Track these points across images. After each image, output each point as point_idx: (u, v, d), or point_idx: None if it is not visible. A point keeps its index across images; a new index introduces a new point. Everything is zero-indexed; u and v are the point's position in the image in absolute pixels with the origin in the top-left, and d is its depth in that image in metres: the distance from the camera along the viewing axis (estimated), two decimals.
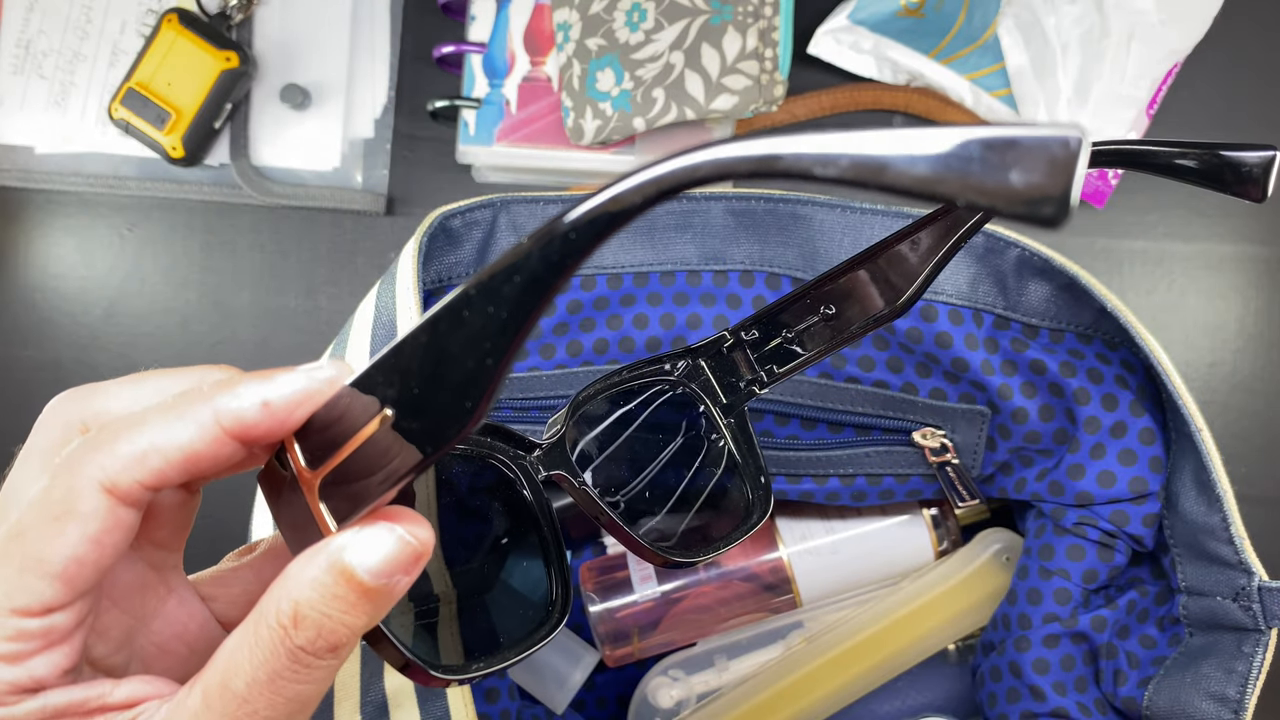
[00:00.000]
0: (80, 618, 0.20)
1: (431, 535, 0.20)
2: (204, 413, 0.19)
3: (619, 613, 0.48)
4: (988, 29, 0.56)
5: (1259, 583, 0.36)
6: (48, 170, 0.60)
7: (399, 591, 0.19)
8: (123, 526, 0.20)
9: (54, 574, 0.19)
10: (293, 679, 0.19)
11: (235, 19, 0.59)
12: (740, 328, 0.32)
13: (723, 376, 0.33)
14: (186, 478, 0.20)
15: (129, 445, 0.19)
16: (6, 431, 0.61)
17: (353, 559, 0.19)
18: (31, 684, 0.19)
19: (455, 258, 0.40)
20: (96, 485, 0.19)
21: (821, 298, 0.30)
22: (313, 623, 0.19)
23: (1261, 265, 0.58)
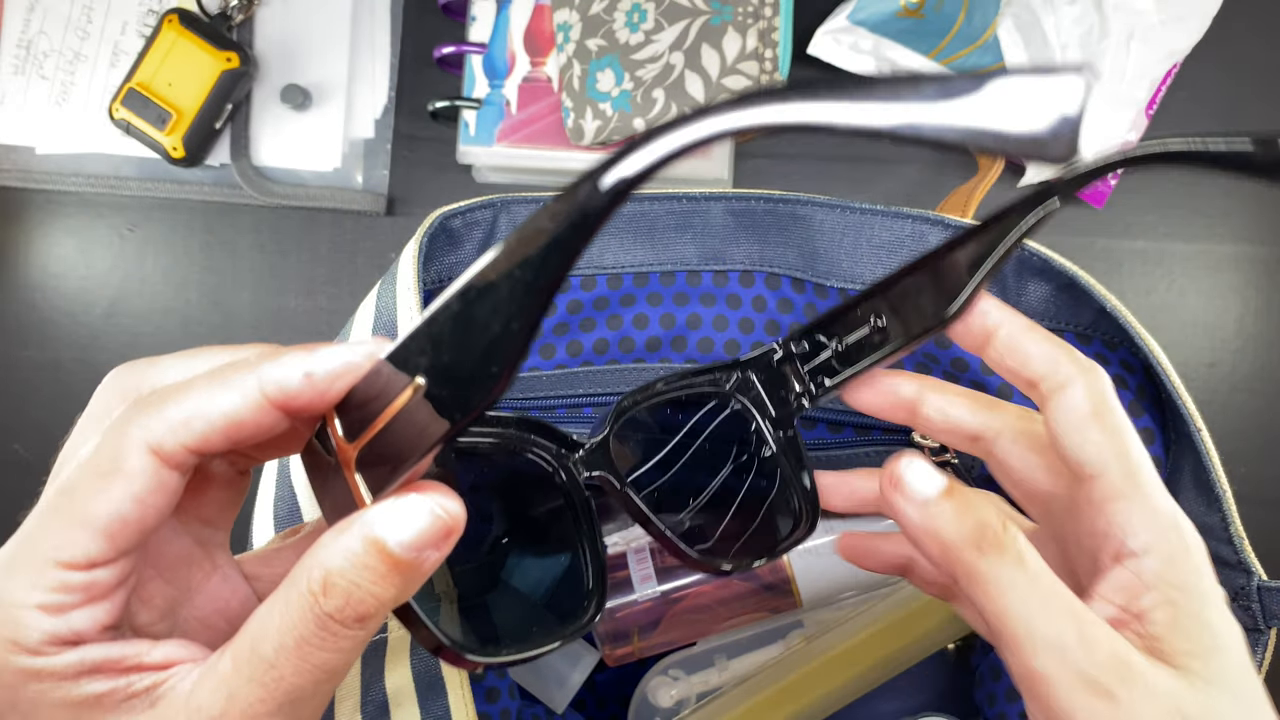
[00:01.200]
0: (122, 577, 0.20)
1: (463, 510, 0.20)
2: (249, 381, 0.20)
3: (619, 612, 0.48)
4: (987, 29, 0.56)
5: (1258, 582, 0.36)
6: (48, 170, 0.60)
7: (429, 567, 0.20)
8: (166, 488, 0.20)
9: (98, 529, 0.20)
10: (319, 646, 0.19)
11: (236, 19, 0.59)
12: (790, 340, 0.32)
13: (773, 390, 0.33)
14: (229, 445, 0.20)
15: (176, 410, 0.20)
16: (7, 431, 0.61)
17: (384, 531, 0.19)
18: (71, 636, 0.20)
19: (456, 258, 0.40)
20: (143, 446, 0.20)
21: (871, 309, 0.30)
22: (342, 591, 0.19)
23: (1261, 265, 0.58)
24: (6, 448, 0.61)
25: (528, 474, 0.29)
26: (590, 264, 0.41)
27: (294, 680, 0.19)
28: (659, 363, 0.42)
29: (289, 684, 0.19)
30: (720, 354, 0.42)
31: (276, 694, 0.19)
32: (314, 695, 0.20)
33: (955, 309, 0.27)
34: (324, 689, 0.20)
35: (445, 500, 0.20)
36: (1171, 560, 0.24)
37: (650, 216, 0.41)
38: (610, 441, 0.29)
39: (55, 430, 0.69)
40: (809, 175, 0.59)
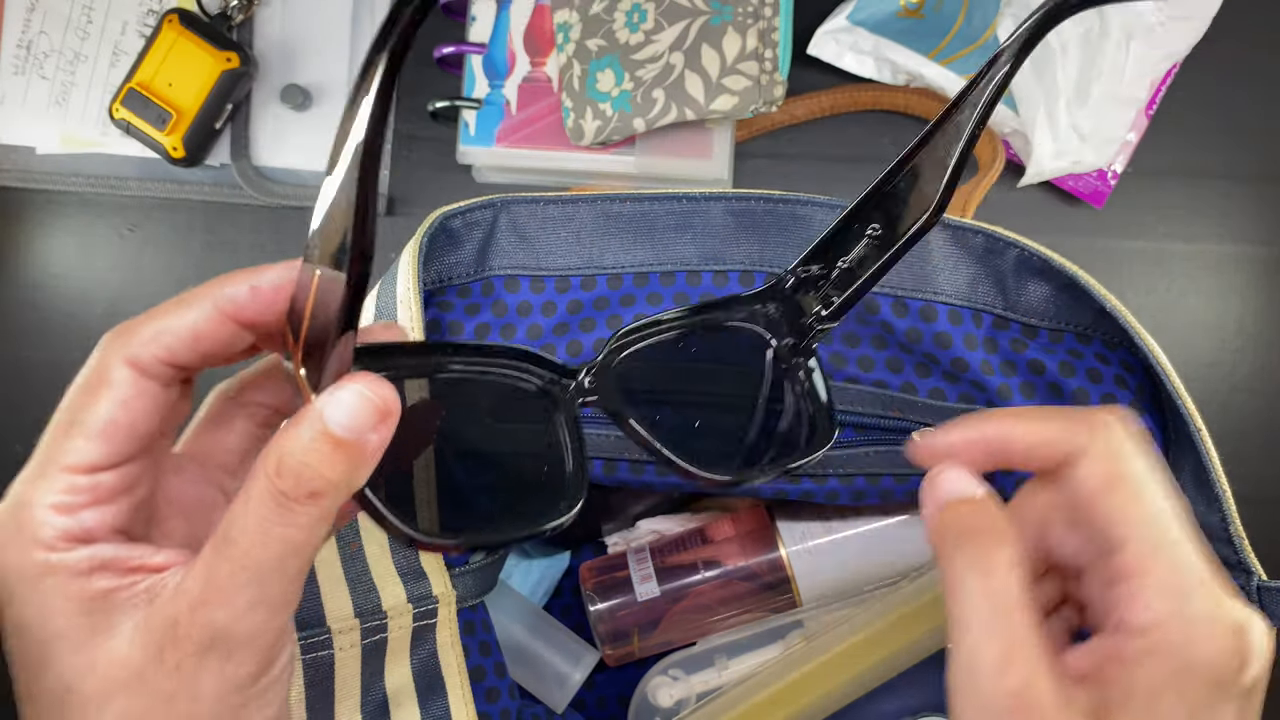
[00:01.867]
0: (125, 483, 0.23)
1: (393, 394, 0.22)
2: (205, 299, 0.24)
3: (619, 612, 0.48)
4: (987, 29, 0.56)
5: (1258, 582, 0.36)
6: (48, 170, 0.60)
7: (372, 449, 0.22)
8: (147, 395, 0.23)
9: (94, 433, 0.23)
10: (277, 522, 0.21)
11: (236, 19, 0.59)
12: (797, 266, 0.32)
13: (791, 316, 0.33)
14: (198, 357, 0.24)
15: (147, 328, 0.24)
16: (7, 431, 0.61)
17: (326, 414, 0.22)
18: (82, 534, 0.22)
19: (456, 258, 0.40)
20: (122, 359, 0.23)
21: (865, 221, 0.30)
22: (293, 471, 0.21)
23: (1261, 265, 0.58)
24: (7, 448, 0.61)
25: (520, 396, 0.29)
26: (590, 264, 0.41)
27: (259, 555, 0.21)
28: None
29: (254, 558, 0.21)
30: None
31: (245, 569, 0.21)
32: (279, 570, 0.22)
33: (938, 199, 0.27)
34: (289, 564, 0.22)
35: (375, 385, 0.22)
36: (1184, 668, 0.22)
37: (650, 216, 0.41)
38: (608, 368, 0.30)
39: None
40: (809, 175, 0.59)
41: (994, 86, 0.26)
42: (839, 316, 0.31)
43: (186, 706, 0.22)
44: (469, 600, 0.39)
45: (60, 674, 0.22)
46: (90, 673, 0.22)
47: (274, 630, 0.22)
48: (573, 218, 0.41)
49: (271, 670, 0.23)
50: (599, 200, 0.40)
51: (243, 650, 0.22)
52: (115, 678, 0.22)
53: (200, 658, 0.21)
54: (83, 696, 0.22)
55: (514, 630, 0.49)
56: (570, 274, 0.41)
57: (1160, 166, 0.58)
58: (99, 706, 0.22)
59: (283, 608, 0.22)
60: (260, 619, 0.22)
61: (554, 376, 0.29)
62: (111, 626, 0.22)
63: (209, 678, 0.22)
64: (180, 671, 0.22)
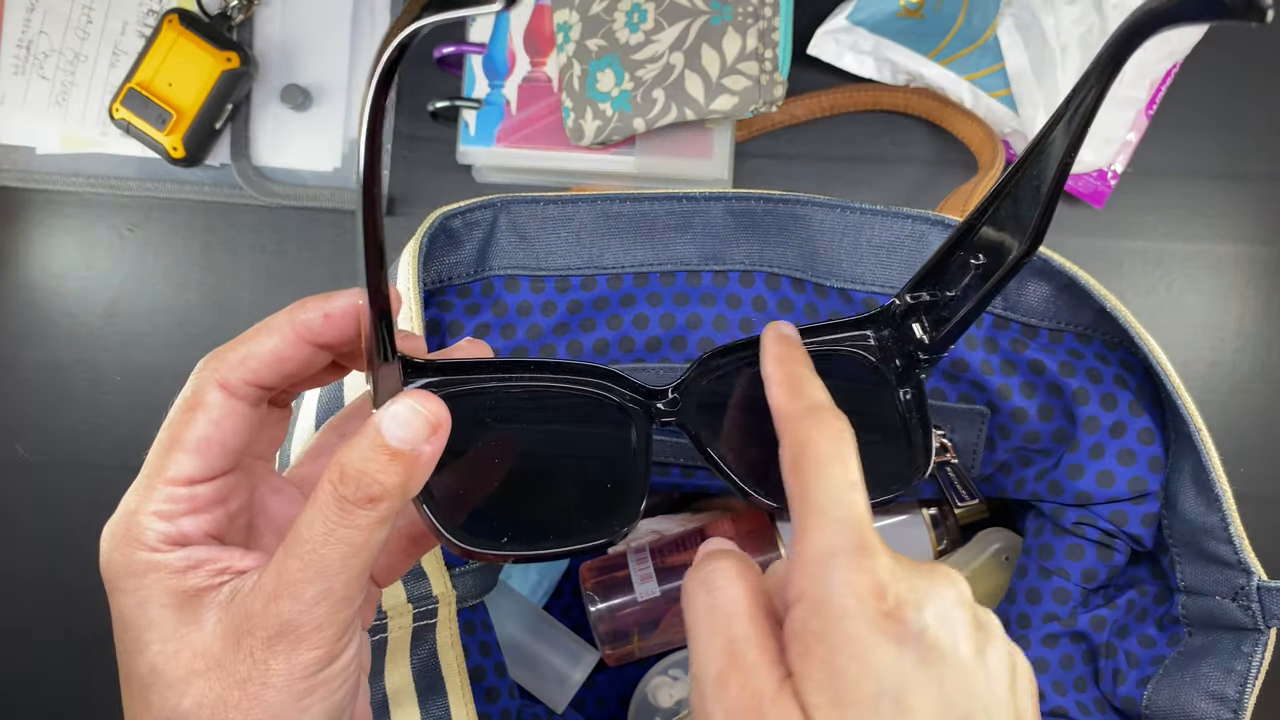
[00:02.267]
0: (218, 495, 0.26)
1: (443, 410, 0.25)
2: (285, 325, 0.26)
3: (619, 612, 0.48)
4: (987, 29, 0.56)
5: (1258, 582, 0.36)
6: (48, 170, 0.60)
7: (424, 459, 0.25)
8: (237, 414, 0.26)
9: (190, 449, 0.26)
10: (339, 523, 0.24)
11: (236, 19, 0.59)
12: (906, 292, 0.32)
13: (900, 344, 0.33)
14: (280, 377, 0.26)
15: (234, 354, 0.26)
16: (7, 431, 0.61)
17: (382, 427, 0.24)
18: (180, 538, 0.25)
19: (456, 258, 0.40)
20: (214, 382, 0.26)
21: (970, 249, 0.30)
22: (353, 478, 0.24)
23: (1261, 265, 0.58)
24: (7, 448, 0.61)
25: (597, 414, 0.30)
26: (590, 264, 0.41)
27: (324, 552, 0.24)
28: (659, 363, 0.42)
29: (319, 556, 0.24)
30: None
31: (310, 565, 0.24)
32: (341, 568, 0.24)
33: (1034, 226, 0.27)
34: (350, 563, 0.24)
35: (426, 401, 0.25)
36: (813, 606, 0.23)
37: (650, 216, 0.41)
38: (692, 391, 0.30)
39: (55, 430, 0.70)
40: (809, 175, 0.59)
41: (1084, 112, 0.26)
42: (946, 347, 0.31)
43: (257, 689, 0.24)
44: (469, 600, 0.39)
45: (150, 658, 0.24)
46: (175, 658, 0.24)
47: (338, 623, 0.24)
48: (573, 218, 0.41)
49: (337, 661, 0.25)
50: (599, 200, 0.40)
51: (309, 639, 0.24)
52: (197, 664, 0.24)
53: (270, 645, 0.24)
54: (167, 679, 0.24)
55: (514, 630, 0.49)
56: (570, 274, 0.41)
57: (1160, 166, 0.58)
58: (181, 690, 0.24)
59: (345, 602, 0.24)
60: (324, 611, 0.24)
61: (634, 396, 0.30)
62: (199, 619, 0.25)
63: (278, 663, 0.24)
64: (253, 657, 0.24)
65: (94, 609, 0.60)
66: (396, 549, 0.30)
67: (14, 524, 0.61)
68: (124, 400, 0.60)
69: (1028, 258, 0.28)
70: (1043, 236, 0.27)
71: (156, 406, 0.64)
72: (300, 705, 0.24)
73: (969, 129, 0.56)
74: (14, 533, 0.61)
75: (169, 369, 0.60)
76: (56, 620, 0.61)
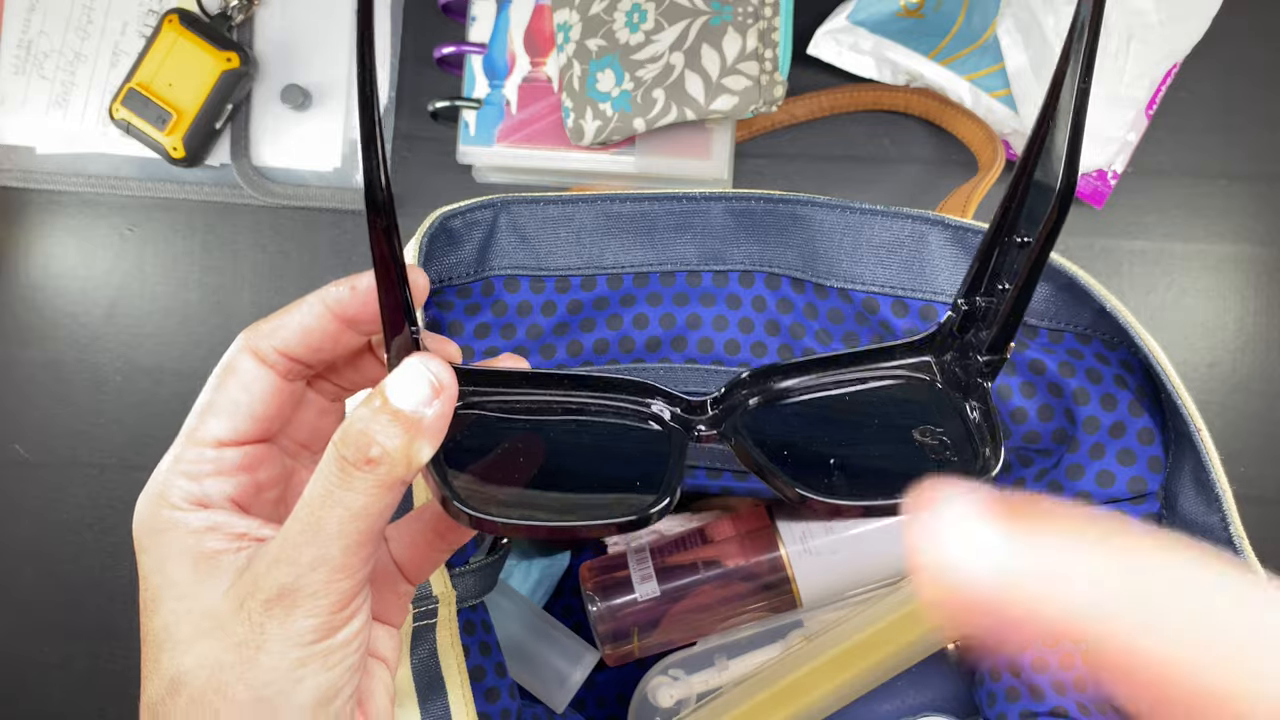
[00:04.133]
0: (246, 463, 0.27)
1: (448, 373, 0.25)
2: (314, 298, 0.27)
3: (619, 612, 0.48)
4: (987, 29, 0.56)
5: None
6: (49, 170, 0.60)
7: (429, 424, 0.24)
8: (266, 380, 0.27)
9: (220, 412, 0.27)
10: (338, 485, 0.24)
11: (236, 19, 0.59)
12: (960, 298, 0.30)
13: (961, 357, 0.31)
14: (309, 350, 0.27)
15: (266, 325, 0.27)
16: (7, 431, 0.61)
17: (386, 387, 0.24)
18: (203, 498, 0.26)
19: (456, 258, 0.40)
20: (246, 351, 0.27)
21: (1012, 229, 0.29)
22: (353, 437, 0.24)
23: (1261, 265, 0.58)
24: (6, 448, 0.61)
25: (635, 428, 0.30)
26: (590, 264, 0.41)
27: (321, 514, 0.24)
28: (659, 363, 0.42)
29: (317, 518, 0.24)
30: (720, 354, 0.42)
31: (310, 528, 0.24)
32: (339, 533, 0.24)
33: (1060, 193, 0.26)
34: (348, 528, 0.24)
35: (429, 361, 0.25)
36: None
37: (650, 216, 0.41)
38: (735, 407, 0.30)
39: (55, 430, 0.70)
40: (809, 175, 0.59)
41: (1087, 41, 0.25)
42: (1007, 342, 0.30)
43: (252, 653, 0.24)
44: (469, 600, 0.39)
45: (164, 617, 0.25)
46: (185, 618, 0.25)
47: (336, 593, 0.24)
48: (573, 218, 0.41)
49: (336, 635, 0.25)
50: (599, 200, 0.40)
51: (303, 606, 0.24)
52: (203, 625, 0.24)
53: (267, 609, 0.24)
54: (175, 638, 0.25)
55: (514, 630, 0.49)
56: (570, 274, 0.41)
57: (1160, 166, 0.58)
58: (185, 649, 0.24)
59: (344, 571, 0.24)
60: (321, 578, 0.24)
61: (675, 410, 0.30)
62: (213, 581, 0.25)
63: (273, 627, 0.24)
64: (250, 620, 0.24)
65: (93, 609, 0.60)
66: (424, 543, 0.30)
67: (14, 524, 0.61)
68: (124, 400, 0.60)
69: (1066, 205, 0.26)
70: (1076, 168, 0.26)
71: (156, 406, 0.64)
72: (294, 675, 0.24)
73: (969, 129, 0.56)
74: (13, 533, 0.61)
75: (169, 369, 0.60)
76: (56, 620, 0.61)
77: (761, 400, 0.31)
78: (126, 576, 0.60)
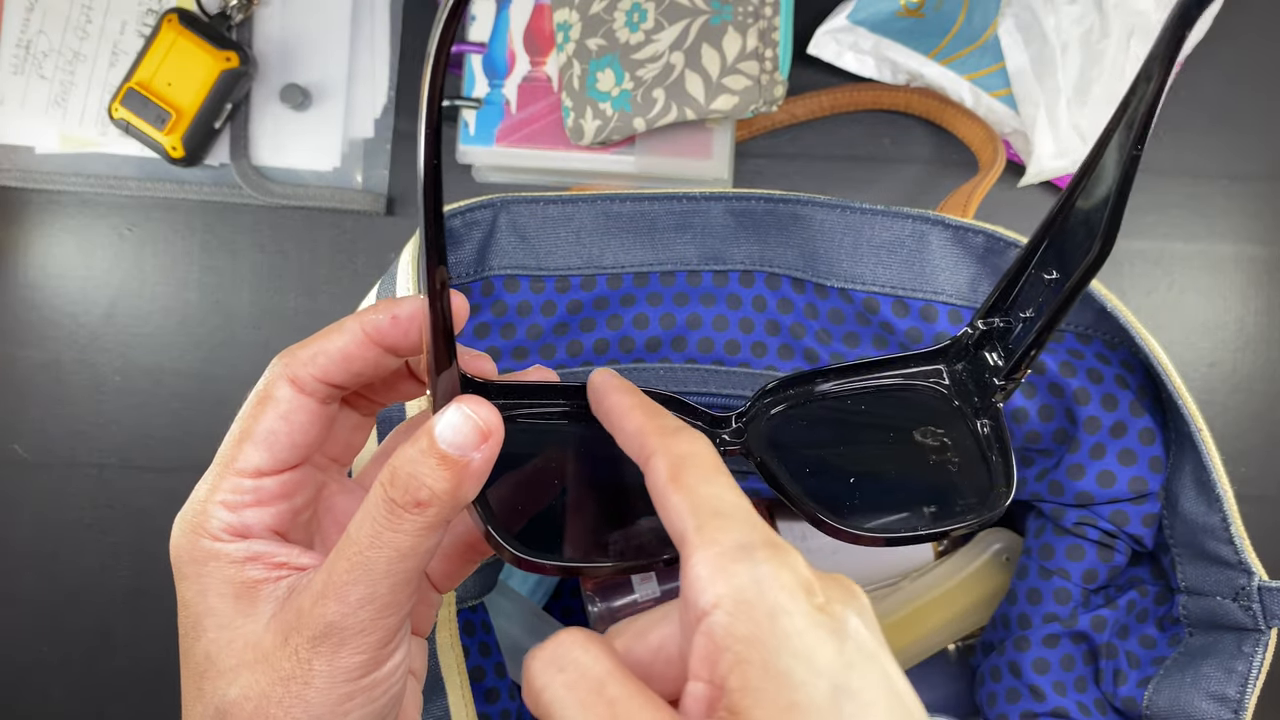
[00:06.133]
0: (284, 490, 0.26)
1: (495, 417, 0.25)
2: (354, 325, 0.27)
3: (619, 612, 0.48)
4: (987, 29, 0.56)
5: (1259, 582, 0.36)
6: (48, 170, 0.60)
7: (475, 467, 0.24)
8: (305, 409, 0.26)
9: (259, 442, 0.26)
10: (387, 526, 0.24)
11: (235, 19, 0.59)
12: (979, 319, 0.31)
13: (974, 374, 0.32)
14: (348, 376, 0.27)
15: (304, 352, 0.27)
16: (7, 431, 0.61)
17: (435, 431, 0.24)
18: (242, 529, 0.26)
19: (455, 258, 0.40)
20: (284, 379, 0.26)
21: (1041, 264, 0.29)
22: (402, 480, 0.24)
23: (1261, 265, 0.58)
24: (6, 448, 0.61)
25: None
26: (590, 264, 0.41)
27: (370, 555, 0.24)
28: (659, 363, 0.42)
29: (366, 558, 0.24)
30: (720, 354, 0.42)
31: (357, 567, 0.24)
32: (387, 573, 0.24)
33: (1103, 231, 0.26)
34: (396, 568, 0.24)
35: (478, 407, 0.24)
36: (739, 607, 0.21)
37: (650, 216, 0.41)
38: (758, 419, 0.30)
39: (55, 430, 0.69)
40: (809, 175, 0.59)
41: (1146, 103, 0.25)
42: (1022, 369, 0.30)
43: (299, 688, 0.24)
44: (468, 601, 0.39)
45: (206, 645, 0.25)
46: (228, 648, 0.25)
47: (384, 629, 0.24)
48: (573, 218, 0.41)
49: (381, 668, 0.25)
50: (599, 200, 0.40)
51: (351, 643, 0.24)
52: (247, 656, 0.24)
53: (314, 645, 0.24)
54: (218, 668, 0.25)
55: (514, 630, 0.49)
56: (570, 274, 0.41)
57: (1160, 166, 0.58)
58: (229, 679, 0.24)
59: (391, 608, 0.24)
60: (369, 615, 0.24)
61: (697, 424, 0.30)
62: (254, 611, 0.25)
63: (320, 664, 0.24)
64: (297, 655, 0.24)
65: (91, 608, 0.60)
66: (455, 554, 0.30)
67: (13, 524, 0.61)
68: (124, 400, 0.60)
69: (1101, 261, 0.26)
70: (1114, 237, 0.26)
71: (156, 406, 0.64)
72: (341, 709, 0.24)
73: (969, 129, 0.56)
74: (13, 533, 0.61)
75: (169, 369, 0.60)
76: (55, 621, 0.61)
77: (783, 410, 0.31)
78: (126, 576, 0.60)
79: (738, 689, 0.20)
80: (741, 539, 0.22)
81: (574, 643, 0.23)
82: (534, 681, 0.23)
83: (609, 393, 0.28)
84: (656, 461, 0.25)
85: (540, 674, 0.23)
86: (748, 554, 0.21)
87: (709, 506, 0.23)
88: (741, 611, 0.21)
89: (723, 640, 0.20)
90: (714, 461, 0.24)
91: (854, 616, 0.22)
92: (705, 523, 0.22)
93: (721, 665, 0.20)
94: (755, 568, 0.21)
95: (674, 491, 0.24)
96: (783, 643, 0.20)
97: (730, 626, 0.20)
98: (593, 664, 0.22)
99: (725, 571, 0.21)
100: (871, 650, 0.22)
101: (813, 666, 0.20)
